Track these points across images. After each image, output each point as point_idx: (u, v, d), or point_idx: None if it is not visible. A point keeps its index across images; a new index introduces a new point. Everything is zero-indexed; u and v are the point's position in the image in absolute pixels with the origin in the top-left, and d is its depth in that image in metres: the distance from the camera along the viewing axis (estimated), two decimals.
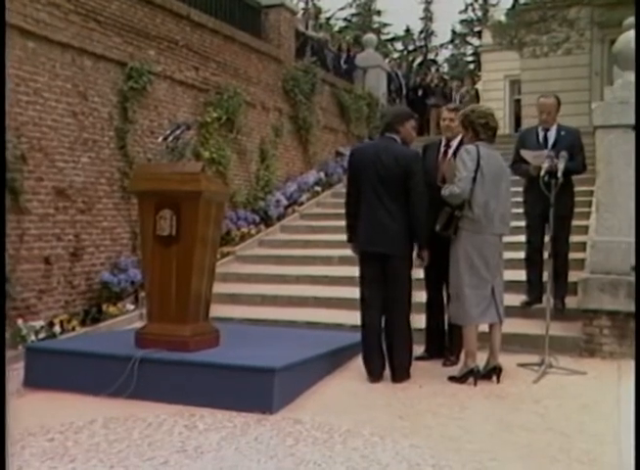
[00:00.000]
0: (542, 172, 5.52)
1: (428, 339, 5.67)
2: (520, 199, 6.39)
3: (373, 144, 5.16)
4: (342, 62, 13.94)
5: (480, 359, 5.05)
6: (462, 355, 5.19)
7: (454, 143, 5.54)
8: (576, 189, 6.43)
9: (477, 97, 15.85)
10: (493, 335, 5.09)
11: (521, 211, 6.41)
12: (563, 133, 6.22)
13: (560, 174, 5.45)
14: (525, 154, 5.99)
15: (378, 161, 5.03)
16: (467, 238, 4.96)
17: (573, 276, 6.08)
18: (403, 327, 5.07)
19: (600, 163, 5.77)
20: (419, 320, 5.55)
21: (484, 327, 5.13)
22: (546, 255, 5.78)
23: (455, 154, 5.29)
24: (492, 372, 5.04)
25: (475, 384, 4.92)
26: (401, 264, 5.04)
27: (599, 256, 5.64)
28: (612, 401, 4.45)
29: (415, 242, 5.10)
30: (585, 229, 7.16)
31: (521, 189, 6.45)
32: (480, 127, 5.03)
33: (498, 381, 5.01)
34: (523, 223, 6.42)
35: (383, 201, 5.00)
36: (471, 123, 5.06)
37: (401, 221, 5.00)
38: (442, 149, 5.62)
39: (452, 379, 5.03)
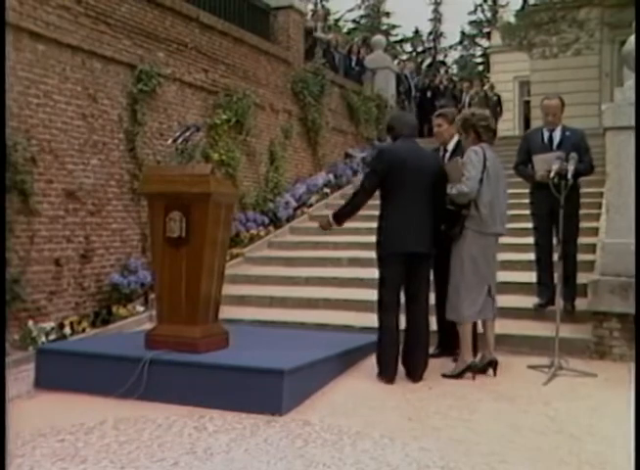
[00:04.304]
0: (552, 174, 5.51)
1: (440, 337, 5.69)
2: (523, 200, 6.38)
3: (409, 146, 5.10)
4: (352, 64, 13.93)
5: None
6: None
7: (450, 147, 5.68)
8: (586, 190, 6.40)
9: (486, 98, 15.77)
10: (487, 329, 5.22)
11: (526, 212, 6.39)
12: (567, 134, 6.24)
13: (570, 176, 5.45)
14: (536, 159, 5.98)
15: (422, 162, 5.10)
16: (473, 238, 5.05)
17: (583, 278, 6.05)
18: (424, 328, 5.14)
19: (610, 164, 5.75)
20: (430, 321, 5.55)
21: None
22: (556, 256, 5.77)
23: (452, 156, 5.50)
24: (489, 366, 5.17)
25: (473, 378, 5.04)
26: (430, 264, 5.19)
27: (609, 258, 5.62)
28: (622, 404, 4.43)
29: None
30: (595, 231, 7.13)
31: (525, 191, 6.44)
32: (482, 129, 5.18)
33: (495, 374, 5.13)
34: (530, 225, 6.41)
35: (423, 201, 5.05)
36: (472, 126, 5.20)
37: (432, 221, 5.09)
38: (441, 154, 5.75)
39: (446, 376, 5.10)
